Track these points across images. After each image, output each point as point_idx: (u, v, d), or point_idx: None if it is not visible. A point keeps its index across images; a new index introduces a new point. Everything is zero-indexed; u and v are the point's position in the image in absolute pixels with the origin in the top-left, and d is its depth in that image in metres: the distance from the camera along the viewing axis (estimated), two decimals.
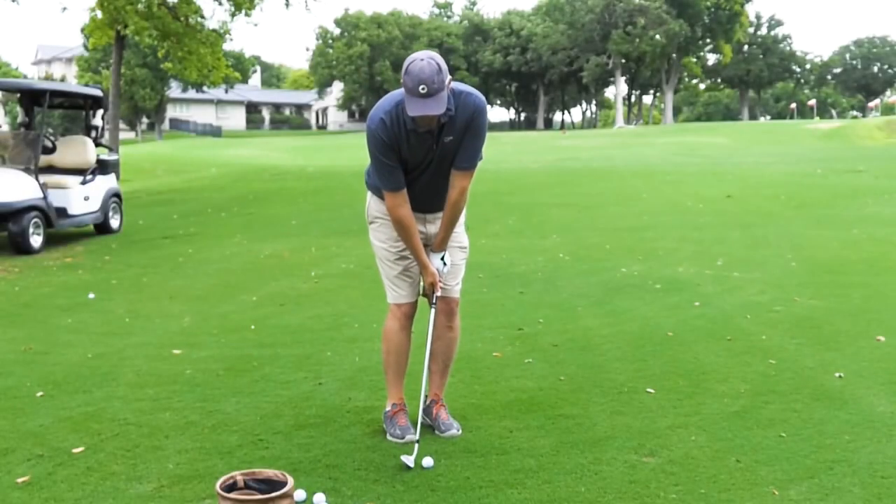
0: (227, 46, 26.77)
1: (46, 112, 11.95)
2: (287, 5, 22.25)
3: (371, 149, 3.40)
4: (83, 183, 11.67)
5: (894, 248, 8.82)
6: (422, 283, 3.68)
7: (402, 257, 3.64)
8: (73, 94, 13.04)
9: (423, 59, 3.17)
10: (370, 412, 3.95)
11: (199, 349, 5.32)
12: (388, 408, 3.72)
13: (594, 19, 70.40)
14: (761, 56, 77.33)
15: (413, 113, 3.19)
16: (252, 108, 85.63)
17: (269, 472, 2.85)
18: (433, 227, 3.65)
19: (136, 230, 12.60)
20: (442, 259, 3.63)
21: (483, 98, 3.44)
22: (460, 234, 3.77)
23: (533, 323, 5.78)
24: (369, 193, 3.72)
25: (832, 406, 3.93)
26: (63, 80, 59.45)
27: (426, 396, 3.84)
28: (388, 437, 3.63)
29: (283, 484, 2.76)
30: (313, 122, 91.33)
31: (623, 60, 71.59)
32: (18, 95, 13.07)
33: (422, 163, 3.44)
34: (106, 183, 12.28)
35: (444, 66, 3.21)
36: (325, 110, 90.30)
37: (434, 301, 3.63)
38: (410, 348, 3.78)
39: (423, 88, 3.12)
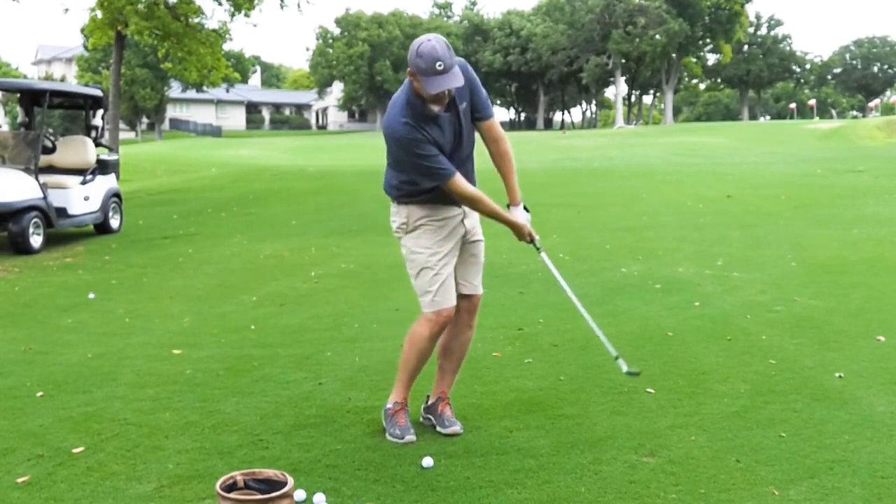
0: (226, 46, 26.78)
1: (46, 112, 11.94)
2: (282, 6, 22.27)
3: (408, 154, 3.40)
4: (83, 183, 11.67)
5: (894, 248, 8.81)
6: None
7: (446, 263, 3.59)
8: (73, 94, 13.04)
9: (431, 40, 3.29)
10: (370, 412, 3.95)
11: (199, 349, 5.32)
12: (390, 405, 3.70)
13: (594, 19, 70.43)
14: (761, 56, 77.34)
15: (435, 90, 3.27)
16: (252, 108, 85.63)
17: (269, 472, 2.85)
18: (471, 219, 3.68)
19: (136, 230, 12.59)
20: (525, 209, 3.71)
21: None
22: (480, 229, 3.79)
23: (533, 323, 5.78)
24: (399, 205, 3.61)
25: (832, 406, 3.93)
26: (63, 80, 59.46)
27: (428, 395, 3.85)
28: (388, 437, 3.62)
29: (283, 484, 2.76)
30: (313, 122, 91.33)
31: (623, 60, 71.61)
32: (18, 95, 13.06)
33: (453, 143, 3.50)
34: (106, 183, 12.28)
35: (449, 44, 3.34)
36: (325, 110, 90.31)
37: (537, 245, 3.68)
38: None
39: (439, 65, 3.24)
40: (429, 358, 3.70)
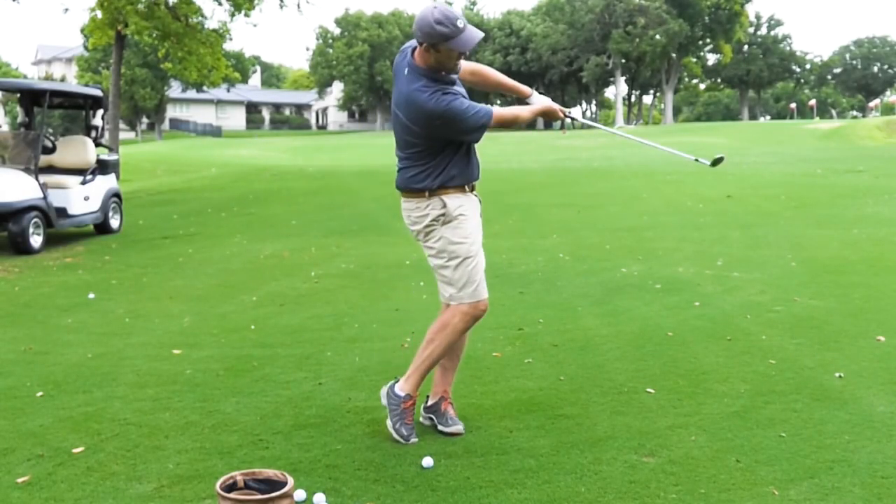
0: (227, 46, 26.77)
1: (46, 112, 11.95)
2: (282, 6, 22.28)
3: (454, 120, 3.38)
4: (83, 183, 11.67)
5: (894, 248, 8.81)
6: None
7: (481, 252, 3.62)
8: (73, 94, 13.04)
9: (437, 6, 3.32)
10: (370, 412, 3.95)
11: (199, 349, 5.32)
12: (402, 394, 3.62)
13: (594, 19, 70.39)
14: (761, 56, 77.30)
15: (471, 44, 3.34)
16: (252, 108, 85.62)
17: (269, 472, 2.85)
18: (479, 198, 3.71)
19: (136, 230, 12.60)
20: (538, 92, 3.81)
21: None
22: None
23: (533, 323, 5.78)
24: (430, 198, 3.51)
25: (832, 406, 3.93)
26: (63, 80, 59.47)
27: (428, 396, 3.85)
28: (391, 428, 3.59)
29: (283, 484, 2.76)
30: (313, 122, 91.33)
31: (623, 60, 71.58)
32: (18, 95, 13.06)
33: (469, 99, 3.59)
34: (106, 183, 12.28)
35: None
36: (325, 110, 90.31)
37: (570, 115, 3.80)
38: None
39: (460, 22, 3.30)
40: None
